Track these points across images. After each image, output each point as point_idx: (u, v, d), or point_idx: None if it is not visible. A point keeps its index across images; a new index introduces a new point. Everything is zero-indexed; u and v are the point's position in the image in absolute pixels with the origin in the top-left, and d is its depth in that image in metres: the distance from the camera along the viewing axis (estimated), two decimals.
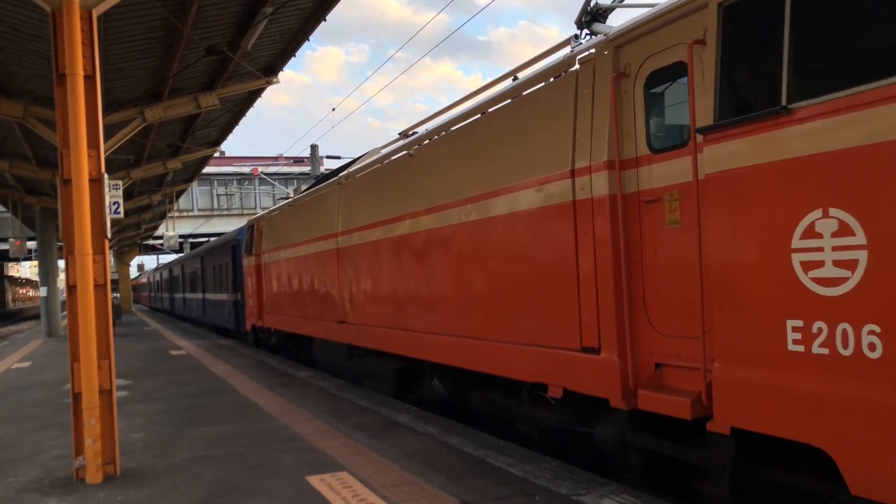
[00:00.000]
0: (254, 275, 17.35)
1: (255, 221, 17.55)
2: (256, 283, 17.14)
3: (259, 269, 17.04)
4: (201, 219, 51.50)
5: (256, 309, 17.39)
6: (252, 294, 17.86)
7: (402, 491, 5.47)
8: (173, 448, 7.41)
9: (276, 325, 15.85)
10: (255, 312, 17.65)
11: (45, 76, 12.96)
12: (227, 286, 22.52)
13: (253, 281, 17.51)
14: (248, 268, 18.23)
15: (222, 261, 23.45)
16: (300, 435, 7.68)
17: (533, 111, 6.49)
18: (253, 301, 17.80)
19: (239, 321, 20.95)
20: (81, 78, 6.31)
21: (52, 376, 14.31)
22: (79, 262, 6.25)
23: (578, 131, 5.76)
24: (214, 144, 22.65)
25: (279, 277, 15.24)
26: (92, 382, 6.22)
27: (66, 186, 6.31)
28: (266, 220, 16.81)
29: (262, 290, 16.82)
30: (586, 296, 5.62)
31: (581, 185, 5.67)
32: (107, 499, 5.70)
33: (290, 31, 13.85)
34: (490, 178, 6.99)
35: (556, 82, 6.21)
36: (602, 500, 5.02)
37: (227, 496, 5.61)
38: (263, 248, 16.44)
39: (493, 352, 6.98)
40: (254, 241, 17.45)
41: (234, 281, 21.19)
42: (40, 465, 6.98)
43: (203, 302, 29.16)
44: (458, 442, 6.98)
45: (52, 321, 27.04)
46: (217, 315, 25.57)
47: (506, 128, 6.87)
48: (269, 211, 16.82)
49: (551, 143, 6.11)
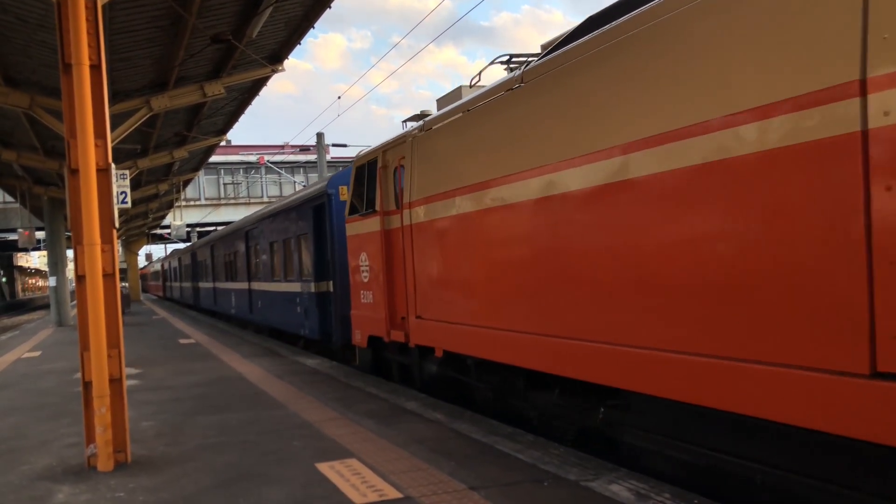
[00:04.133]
0: (378, 250, 9.84)
1: (380, 154, 9.84)
2: (384, 264, 9.62)
3: (392, 238, 9.50)
4: (208, 208, 51.65)
5: (384, 310, 9.76)
6: (370, 283, 10.34)
7: (410, 477, 5.50)
8: (184, 436, 7.46)
9: (443, 342, 8.23)
10: (377, 316, 10.04)
11: (52, 66, 12.96)
12: (301, 270, 15.24)
13: (376, 261, 9.97)
14: (360, 239, 10.65)
15: (290, 232, 15.88)
16: (309, 422, 7.72)
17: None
18: (373, 295, 10.23)
19: (328, 326, 13.73)
20: (87, 68, 6.31)
21: (63, 365, 14.41)
22: (87, 251, 6.28)
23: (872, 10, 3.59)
24: (220, 133, 22.67)
25: (458, 250, 7.78)
26: (102, 371, 6.26)
27: (74, 176, 6.33)
28: (417, 145, 8.73)
29: (399, 277, 9.36)
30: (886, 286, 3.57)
31: (881, 103, 3.55)
32: (118, 486, 5.75)
33: (295, 19, 13.82)
34: (719, 98, 4.45)
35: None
36: (610, 485, 5.03)
37: (237, 483, 5.65)
38: (412, 197, 8.70)
39: (736, 378, 4.36)
40: (379, 190, 9.78)
41: (318, 262, 13.87)
42: (53, 452, 7.04)
43: (249, 294, 21.16)
44: (467, 429, 7.01)
45: (62, 311, 27.19)
46: (277, 314, 17.63)
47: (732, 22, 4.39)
48: (423, 125, 8.70)
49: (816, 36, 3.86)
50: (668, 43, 4.88)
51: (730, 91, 4.37)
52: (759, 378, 4.19)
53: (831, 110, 3.77)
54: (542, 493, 5.00)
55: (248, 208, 46.40)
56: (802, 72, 3.93)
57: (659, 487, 4.95)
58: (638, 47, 5.16)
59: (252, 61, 15.32)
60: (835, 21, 3.76)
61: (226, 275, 25.47)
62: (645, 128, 5.02)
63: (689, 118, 4.65)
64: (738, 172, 4.33)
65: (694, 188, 4.65)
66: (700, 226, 4.66)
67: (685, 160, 4.69)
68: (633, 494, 4.81)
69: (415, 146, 8.76)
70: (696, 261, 4.67)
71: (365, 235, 10.43)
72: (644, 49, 5.10)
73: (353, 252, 10.98)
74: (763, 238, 4.20)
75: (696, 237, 4.69)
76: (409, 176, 8.83)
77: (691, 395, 4.69)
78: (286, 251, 16.43)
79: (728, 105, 4.36)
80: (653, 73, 5.01)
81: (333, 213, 12.98)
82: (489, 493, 5.03)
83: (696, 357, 4.63)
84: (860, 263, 3.67)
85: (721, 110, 4.41)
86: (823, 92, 3.80)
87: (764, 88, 4.15)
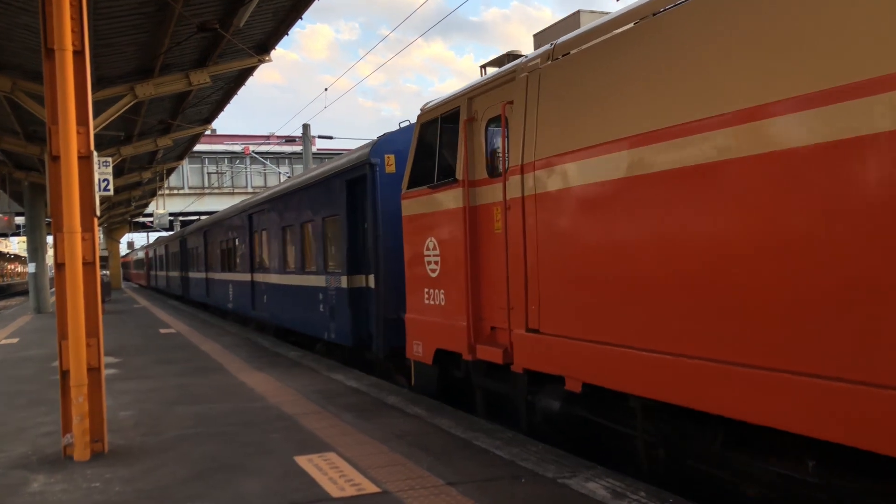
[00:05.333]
0: (458, 234, 7.44)
1: (463, 103, 7.43)
2: (468, 253, 7.23)
3: (482, 217, 7.12)
4: (192, 197, 51.29)
5: (464, 316, 7.29)
6: (440, 279, 7.85)
7: (389, 472, 5.51)
8: (162, 426, 7.42)
9: (585, 371, 5.67)
10: (452, 324, 7.55)
11: (35, 50, 12.81)
12: (325, 260, 12.43)
13: (454, 249, 7.57)
14: (426, 220, 8.14)
15: (312, 214, 13.05)
16: (289, 415, 7.71)
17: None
18: (445, 296, 7.76)
19: (363, 330, 11.07)
20: (70, 53, 6.24)
21: (41, 353, 14.27)
22: (67, 239, 6.22)
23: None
24: (206, 122, 22.51)
25: (632, 231, 5.16)
26: (80, 360, 6.21)
27: (55, 163, 6.26)
28: (542, 80, 6.23)
29: (492, 272, 6.99)
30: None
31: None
32: (95, 476, 5.72)
33: (283, 9, 13.73)
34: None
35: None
36: (587, 483, 5.07)
37: (215, 474, 5.63)
38: (527, 158, 6.26)
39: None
40: (462, 152, 7.34)
41: (352, 251, 11.15)
42: (28, 441, 6.98)
43: (252, 287, 18.20)
44: (447, 424, 7.02)
45: (41, 297, 26.93)
46: (291, 312, 14.68)
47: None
48: (553, 50, 6.16)
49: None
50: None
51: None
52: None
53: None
54: (520, 489, 5.03)
55: (233, 198, 46.11)
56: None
57: (635, 486, 4.99)
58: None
59: (239, 51, 15.22)
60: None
61: (222, 264, 22.47)
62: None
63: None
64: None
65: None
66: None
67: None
68: (610, 492, 4.85)
69: (536, 83, 6.17)
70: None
71: (435, 215, 7.86)
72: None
73: (413, 237, 8.38)
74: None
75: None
76: (522, 128, 6.25)
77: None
78: (304, 237, 13.73)
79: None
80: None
81: (378, 188, 10.22)
82: (466, 488, 5.06)
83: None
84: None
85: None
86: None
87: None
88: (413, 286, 8.49)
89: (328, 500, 4.94)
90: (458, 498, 4.87)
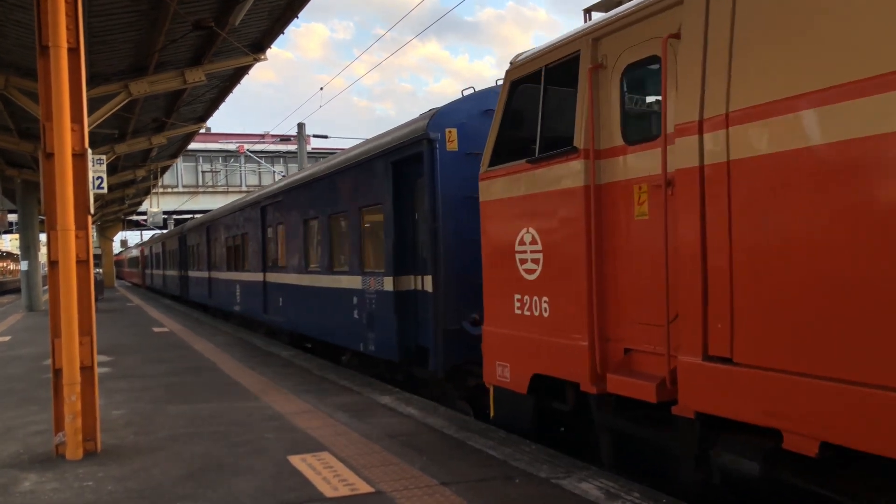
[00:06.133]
0: (575, 222, 5.60)
1: (585, 45, 5.55)
2: (590, 246, 5.42)
3: (614, 199, 5.35)
4: (186, 195, 51.15)
5: (584, 331, 5.51)
6: (542, 282, 6.07)
7: (382, 472, 5.50)
8: (154, 425, 7.40)
9: (826, 427, 3.74)
10: (564, 342, 5.74)
11: (28, 47, 12.74)
12: (361, 258, 10.64)
13: (568, 242, 5.72)
14: (519, 205, 6.39)
15: (345, 204, 11.27)
16: (282, 414, 7.70)
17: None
18: (549, 303, 5.97)
19: (413, 342, 9.33)
20: (65, 50, 6.22)
21: (33, 351, 14.21)
22: (61, 237, 6.19)
23: None
24: (200, 120, 22.44)
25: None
26: (73, 358, 6.19)
27: (49, 160, 6.24)
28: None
29: (634, 273, 5.15)
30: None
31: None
32: (87, 475, 5.69)
33: (278, 8, 13.70)
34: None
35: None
36: (581, 483, 5.08)
37: (207, 474, 5.62)
38: (727, 105, 4.31)
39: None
40: (587, 111, 5.49)
41: (400, 246, 9.41)
42: (19, 440, 6.95)
43: (264, 288, 16.37)
44: (440, 424, 7.02)
45: (33, 296, 26.82)
46: (315, 318, 12.79)
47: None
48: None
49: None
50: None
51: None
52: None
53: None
54: (513, 489, 5.04)
55: (227, 197, 45.98)
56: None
57: (628, 486, 5.00)
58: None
59: (234, 49, 15.17)
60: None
61: (228, 262, 20.41)
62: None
63: None
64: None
65: None
66: None
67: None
68: (603, 493, 4.86)
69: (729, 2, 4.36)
70: None
71: (535, 199, 6.06)
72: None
73: (497, 228, 6.66)
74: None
75: None
76: (700, 67, 4.51)
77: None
78: (333, 232, 11.88)
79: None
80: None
81: (438, 169, 8.50)
82: (459, 488, 5.06)
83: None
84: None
85: None
86: None
87: None
88: (496, 291, 6.67)
89: (321, 499, 4.93)
90: (452, 498, 4.87)
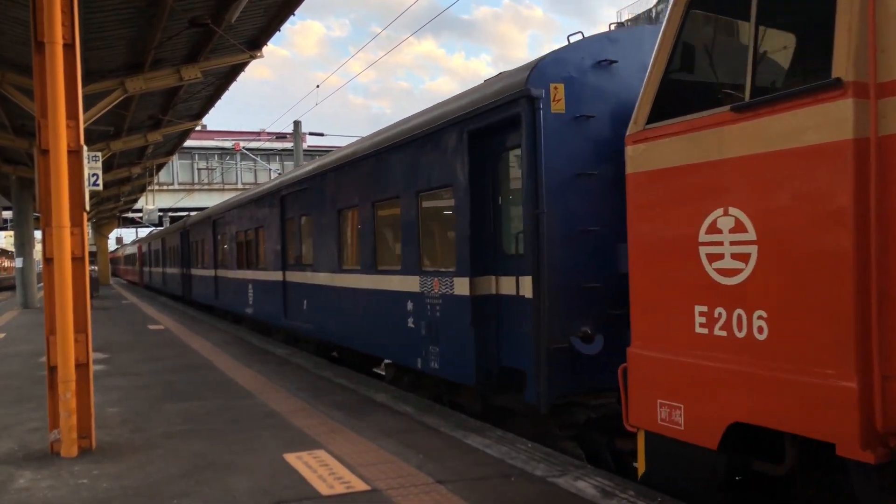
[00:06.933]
0: (840, 199, 3.65)
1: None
2: (861, 232, 3.58)
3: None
4: (181, 192, 51.08)
5: (847, 362, 3.62)
6: (745, 288, 4.19)
7: (379, 470, 5.50)
8: (150, 423, 7.39)
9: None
10: (768, 378, 4.04)
11: (24, 43, 12.69)
12: (419, 255, 8.66)
13: (813, 228, 3.84)
14: (722, 174, 4.36)
15: (402, 188, 9.08)
16: (278, 412, 7.69)
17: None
18: (766, 321, 4.08)
19: (493, 361, 7.35)
20: (60, 47, 6.19)
21: (28, 348, 14.17)
22: (56, 234, 6.17)
23: None
24: (196, 118, 22.37)
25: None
26: (68, 356, 6.17)
27: (44, 157, 6.21)
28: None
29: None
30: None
31: None
32: (82, 472, 5.68)
33: (274, 5, 13.66)
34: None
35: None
36: (577, 482, 5.08)
37: (203, 472, 5.61)
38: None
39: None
40: (872, 28, 3.51)
41: (477, 240, 7.52)
42: (15, 437, 6.93)
43: (283, 289, 14.32)
44: (436, 422, 7.02)
45: (28, 293, 26.74)
46: (355, 325, 10.57)
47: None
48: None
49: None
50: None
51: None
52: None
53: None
54: (509, 488, 5.04)
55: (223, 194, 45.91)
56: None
57: (624, 485, 5.01)
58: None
59: (230, 46, 15.13)
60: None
61: (238, 259, 18.28)
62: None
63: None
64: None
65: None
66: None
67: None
68: (599, 492, 4.87)
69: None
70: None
71: (743, 163, 4.24)
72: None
73: (664, 209, 4.88)
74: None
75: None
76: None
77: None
78: (379, 223, 9.87)
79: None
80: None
81: (543, 136, 6.59)
82: (456, 487, 5.06)
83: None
84: None
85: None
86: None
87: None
88: (657, 299, 4.93)
89: (317, 497, 4.93)
90: (448, 496, 4.87)
